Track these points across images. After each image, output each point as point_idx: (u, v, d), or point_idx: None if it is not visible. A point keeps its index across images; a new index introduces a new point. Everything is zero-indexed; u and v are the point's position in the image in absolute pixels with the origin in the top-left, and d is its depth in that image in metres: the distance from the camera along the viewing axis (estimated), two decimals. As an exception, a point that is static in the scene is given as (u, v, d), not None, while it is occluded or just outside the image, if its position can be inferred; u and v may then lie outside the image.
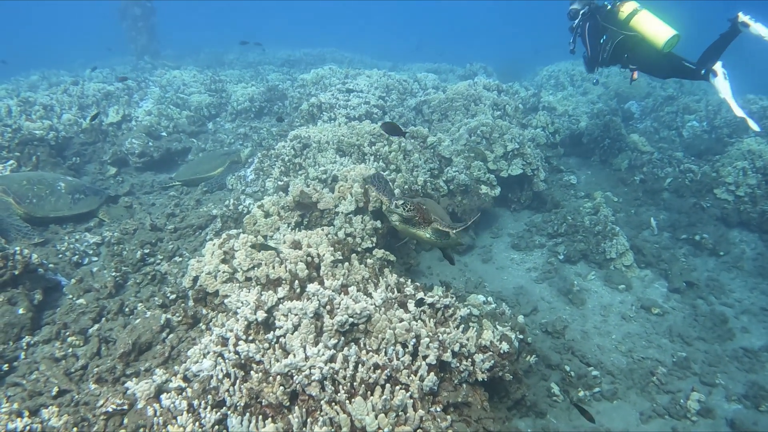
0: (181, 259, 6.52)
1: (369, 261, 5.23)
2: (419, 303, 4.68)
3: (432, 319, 4.53)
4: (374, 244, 6.13)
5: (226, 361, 3.95)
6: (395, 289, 4.89)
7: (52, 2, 54.35)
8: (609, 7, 7.83)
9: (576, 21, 8.32)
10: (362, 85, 11.65)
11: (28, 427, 3.61)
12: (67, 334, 4.92)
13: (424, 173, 7.73)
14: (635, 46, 7.56)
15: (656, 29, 7.32)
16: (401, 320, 4.30)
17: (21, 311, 4.96)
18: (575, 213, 8.89)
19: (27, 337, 4.91)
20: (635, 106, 13.58)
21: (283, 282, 4.61)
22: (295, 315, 4.19)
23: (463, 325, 4.63)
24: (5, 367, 4.51)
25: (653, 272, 8.09)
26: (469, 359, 4.33)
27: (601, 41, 7.88)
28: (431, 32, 56.12)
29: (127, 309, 5.31)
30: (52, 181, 7.41)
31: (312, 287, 4.39)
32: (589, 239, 8.27)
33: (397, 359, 4.07)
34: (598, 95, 14.06)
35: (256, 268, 4.77)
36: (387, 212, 5.22)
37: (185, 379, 4.07)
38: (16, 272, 5.18)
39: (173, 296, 5.41)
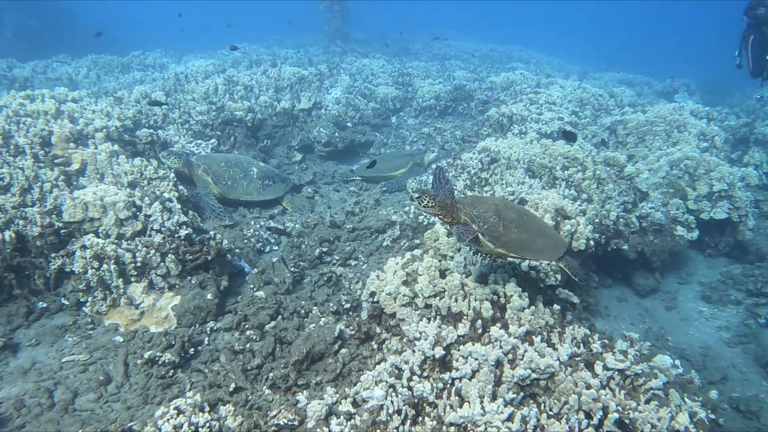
0: (356, 262, 6.63)
1: (555, 307, 4.86)
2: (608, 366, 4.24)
3: (621, 390, 4.08)
4: (558, 282, 5.75)
5: (398, 395, 3.86)
6: (581, 344, 4.50)
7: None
8: None
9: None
10: (555, 96, 11.08)
11: (208, 423, 3.82)
12: (246, 326, 5.18)
13: (617, 206, 7.10)
14: None
15: None
16: (588, 386, 3.92)
17: (209, 296, 5.33)
18: (786, 271, 7.63)
19: (211, 322, 5.27)
20: None
21: (465, 318, 4.43)
22: (475, 360, 4.00)
23: (655, 401, 4.11)
24: (191, 350, 4.86)
25: None
26: (661, 444, 3.85)
27: None
28: (621, 32, 52.48)
29: (302, 310, 5.47)
30: (247, 165, 7.94)
31: (495, 331, 4.16)
32: (800, 305, 7.05)
33: (580, 430, 3.72)
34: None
35: (437, 297, 4.63)
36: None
37: (355, 403, 4.06)
38: (209, 257, 5.57)
39: (347, 305, 5.48)
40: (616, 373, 4.15)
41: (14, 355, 4.80)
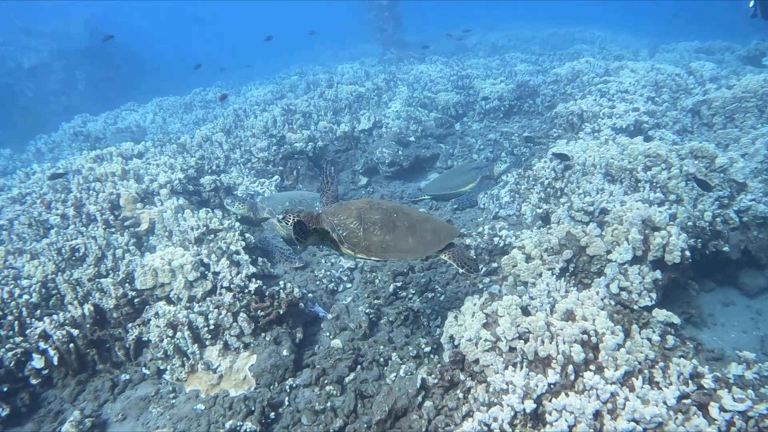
0: (433, 294, 6.38)
1: (654, 337, 4.43)
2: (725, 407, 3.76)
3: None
4: (653, 301, 5.27)
5: (491, 458, 3.60)
6: (690, 380, 4.02)
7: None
8: None
9: None
10: (627, 83, 10.32)
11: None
12: (326, 381, 5.06)
13: (711, 204, 6.46)
14: None
15: None
16: (705, 439, 3.50)
17: (285, 352, 5.25)
18: None
19: (290, 379, 5.18)
20: None
21: (554, 362, 4.09)
22: (571, 413, 3.66)
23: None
24: (272, 415, 4.77)
25: None
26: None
27: None
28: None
29: (381, 358, 5.28)
30: (311, 202, 7.88)
31: (590, 378, 3.81)
32: None
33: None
34: None
35: (522, 340, 4.32)
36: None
37: (445, 468, 3.83)
38: (281, 311, 5.49)
39: (427, 348, 5.25)
40: (737, 415, 3.69)
41: (103, 434, 4.89)
